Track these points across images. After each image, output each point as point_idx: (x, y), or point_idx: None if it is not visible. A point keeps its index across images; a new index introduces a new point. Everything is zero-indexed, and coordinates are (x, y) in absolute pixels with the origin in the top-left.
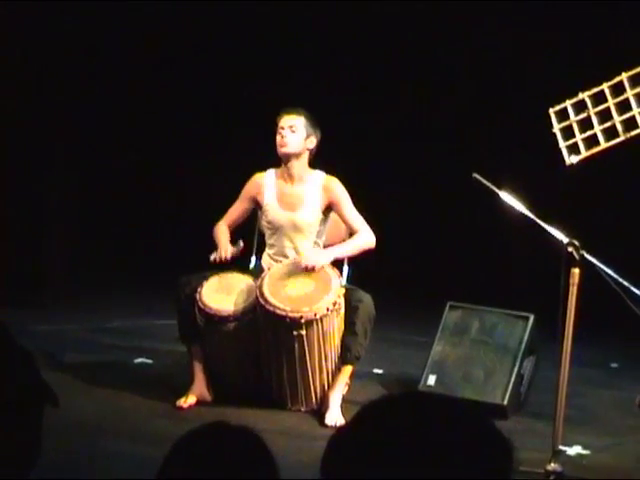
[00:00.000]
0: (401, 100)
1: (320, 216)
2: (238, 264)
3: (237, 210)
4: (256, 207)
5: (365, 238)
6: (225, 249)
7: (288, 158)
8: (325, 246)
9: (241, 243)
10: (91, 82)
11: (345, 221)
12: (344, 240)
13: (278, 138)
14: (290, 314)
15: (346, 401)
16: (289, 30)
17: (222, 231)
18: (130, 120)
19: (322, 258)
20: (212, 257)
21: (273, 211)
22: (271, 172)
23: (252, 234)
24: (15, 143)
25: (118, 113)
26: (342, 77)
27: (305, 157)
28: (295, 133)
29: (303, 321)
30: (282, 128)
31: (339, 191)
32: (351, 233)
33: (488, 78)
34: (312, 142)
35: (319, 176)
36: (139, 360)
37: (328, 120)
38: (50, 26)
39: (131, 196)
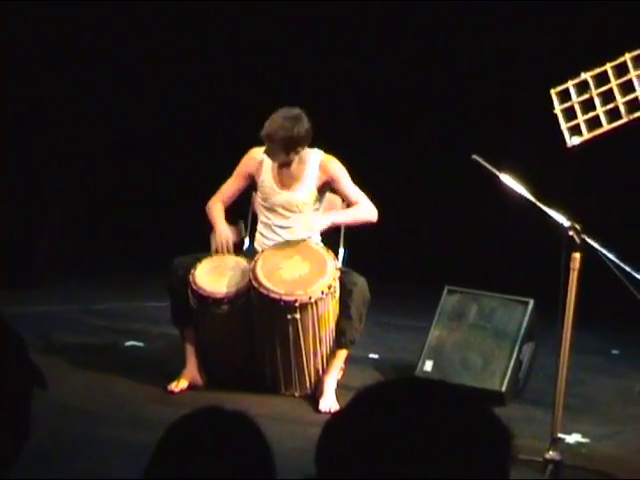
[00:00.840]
0: (399, 81)
1: (315, 195)
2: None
3: (232, 186)
4: (251, 184)
5: (368, 210)
6: (226, 239)
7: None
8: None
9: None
10: (86, 72)
11: (345, 197)
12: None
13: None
14: (284, 297)
15: (341, 386)
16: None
17: (217, 211)
18: (121, 105)
19: (317, 221)
20: (213, 248)
21: (269, 188)
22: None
23: (246, 216)
24: (10, 129)
25: (111, 99)
26: (340, 59)
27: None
28: (278, 153)
29: (297, 305)
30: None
31: (337, 168)
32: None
33: (488, 57)
34: (298, 151)
35: (317, 155)
36: (130, 343)
37: (328, 101)
38: (44, 20)
39: (121, 177)
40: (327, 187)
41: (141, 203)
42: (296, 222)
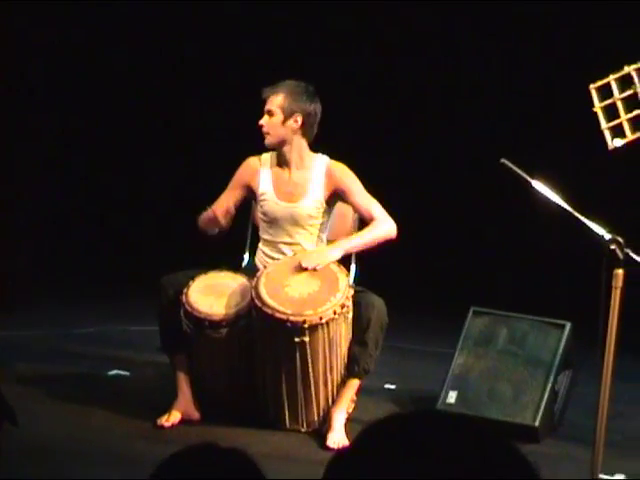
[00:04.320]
0: (417, 81)
1: (323, 207)
2: (227, 262)
3: (227, 199)
4: (249, 196)
5: (384, 227)
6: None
7: (275, 147)
8: (329, 242)
9: (232, 209)
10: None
11: (358, 209)
12: (350, 234)
13: (260, 122)
14: (291, 318)
15: (352, 420)
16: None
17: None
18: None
19: (327, 256)
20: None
21: (269, 202)
22: (267, 156)
23: (245, 228)
24: None
25: (92, 111)
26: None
27: (299, 139)
28: (272, 117)
29: (307, 326)
30: (263, 112)
31: (346, 177)
32: (365, 223)
33: (517, 48)
34: (297, 121)
35: (322, 161)
36: (113, 372)
37: (339, 104)
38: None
39: (104, 192)
40: (336, 198)
41: (126, 219)
42: (301, 255)
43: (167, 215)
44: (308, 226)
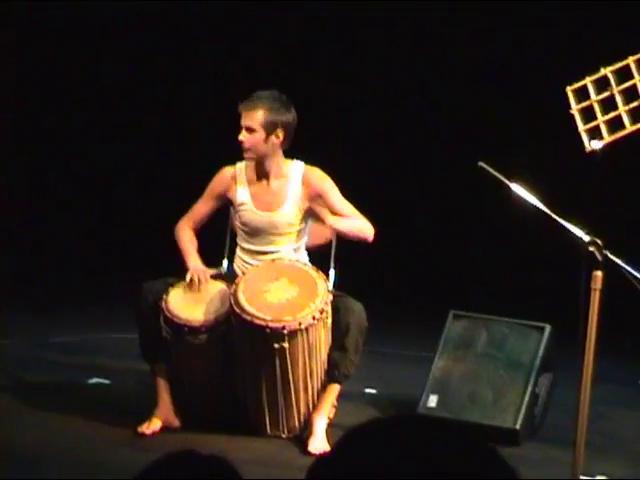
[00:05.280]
0: (395, 83)
1: (302, 214)
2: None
3: (202, 209)
4: (225, 205)
5: (364, 224)
6: (202, 272)
7: (255, 160)
8: (309, 249)
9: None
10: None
11: (336, 214)
12: (330, 241)
13: (239, 138)
14: (271, 324)
15: (332, 426)
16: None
17: (187, 240)
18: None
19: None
20: (188, 279)
21: (248, 212)
22: (241, 166)
23: (223, 235)
24: None
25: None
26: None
27: (277, 151)
28: (254, 134)
29: (286, 332)
30: (241, 127)
31: (322, 181)
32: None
33: (496, 50)
34: (279, 136)
35: (298, 168)
36: (94, 380)
37: (314, 105)
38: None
39: (86, 201)
40: (314, 203)
41: (107, 226)
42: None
43: (147, 222)
44: (287, 233)
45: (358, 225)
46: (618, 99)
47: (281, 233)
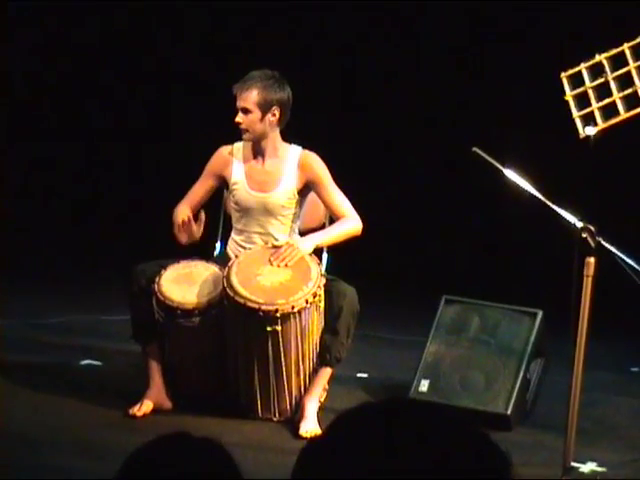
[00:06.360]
0: (385, 68)
1: (295, 198)
2: (199, 251)
3: (200, 189)
4: (221, 186)
5: (351, 224)
6: (185, 215)
7: (253, 140)
8: (302, 232)
9: (202, 214)
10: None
11: (326, 203)
12: (323, 224)
13: (236, 120)
14: (263, 307)
15: (324, 409)
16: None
17: (182, 213)
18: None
19: (298, 251)
20: (177, 231)
21: (242, 192)
22: (239, 146)
23: (217, 217)
24: None
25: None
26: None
27: (275, 130)
28: (250, 115)
29: (278, 315)
30: (237, 109)
31: (318, 168)
32: (333, 218)
33: (487, 36)
34: (275, 114)
35: (295, 151)
36: (85, 362)
37: (311, 90)
38: None
39: (77, 181)
40: (308, 188)
41: (98, 207)
42: (273, 244)
43: (139, 204)
44: (280, 216)
45: (345, 230)
46: (613, 86)
47: (274, 215)
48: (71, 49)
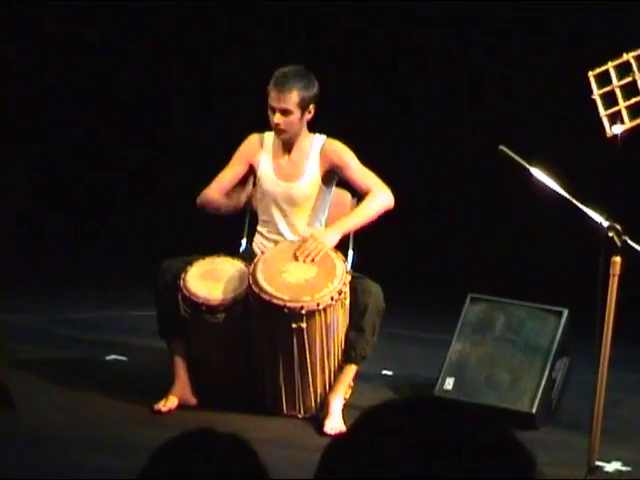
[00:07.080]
0: (418, 64)
1: (319, 186)
2: (225, 247)
3: (229, 174)
4: (249, 173)
5: (381, 199)
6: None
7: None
8: (327, 225)
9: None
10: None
11: (354, 183)
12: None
13: (270, 117)
14: (289, 304)
15: (349, 406)
16: None
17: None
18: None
19: (323, 245)
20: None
21: (268, 181)
22: (269, 135)
23: (243, 214)
24: None
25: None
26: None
27: (304, 126)
28: (290, 116)
29: (304, 312)
30: (273, 109)
31: (341, 152)
32: (362, 197)
33: (515, 35)
34: (311, 111)
35: (319, 140)
36: (111, 357)
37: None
38: None
39: (104, 177)
40: (332, 175)
41: (125, 203)
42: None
43: (166, 200)
44: (305, 207)
45: (373, 208)
46: None
47: (298, 205)
48: (72, 49)
